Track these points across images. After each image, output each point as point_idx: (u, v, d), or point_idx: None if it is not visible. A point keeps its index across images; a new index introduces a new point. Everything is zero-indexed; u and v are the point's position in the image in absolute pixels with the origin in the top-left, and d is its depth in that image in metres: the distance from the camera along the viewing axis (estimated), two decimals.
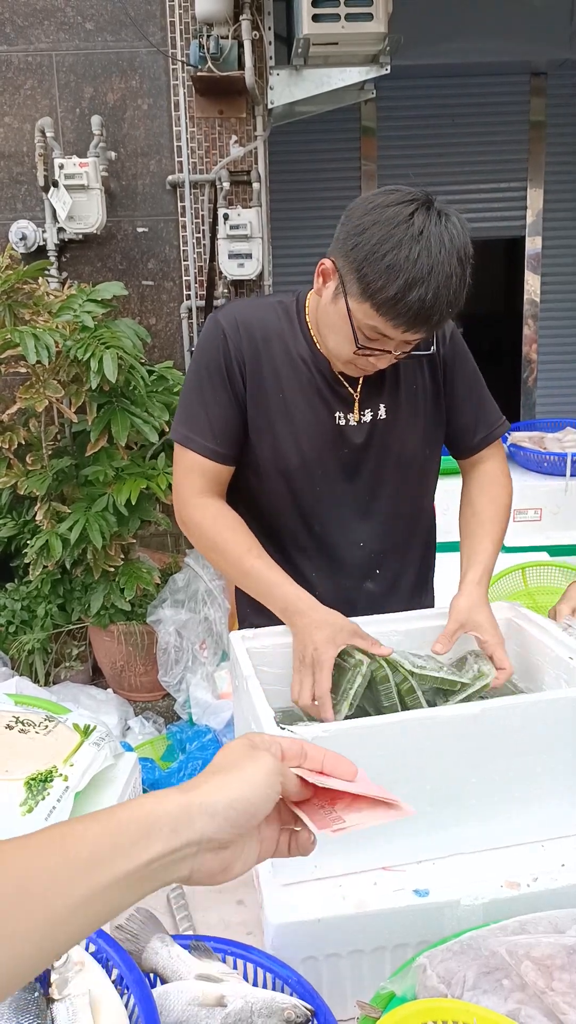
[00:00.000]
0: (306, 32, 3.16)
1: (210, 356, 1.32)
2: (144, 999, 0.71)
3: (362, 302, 1.15)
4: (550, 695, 1.04)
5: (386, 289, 1.11)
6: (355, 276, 1.14)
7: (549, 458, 3.34)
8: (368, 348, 1.20)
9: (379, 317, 1.14)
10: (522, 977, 0.78)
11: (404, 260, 1.09)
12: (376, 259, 1.10)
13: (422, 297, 1.10)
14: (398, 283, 1.09)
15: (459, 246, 1.12)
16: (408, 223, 1.10)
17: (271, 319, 1.35)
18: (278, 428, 1.33)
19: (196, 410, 1.33)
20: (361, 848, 0.96)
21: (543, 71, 4.49)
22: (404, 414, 1.37)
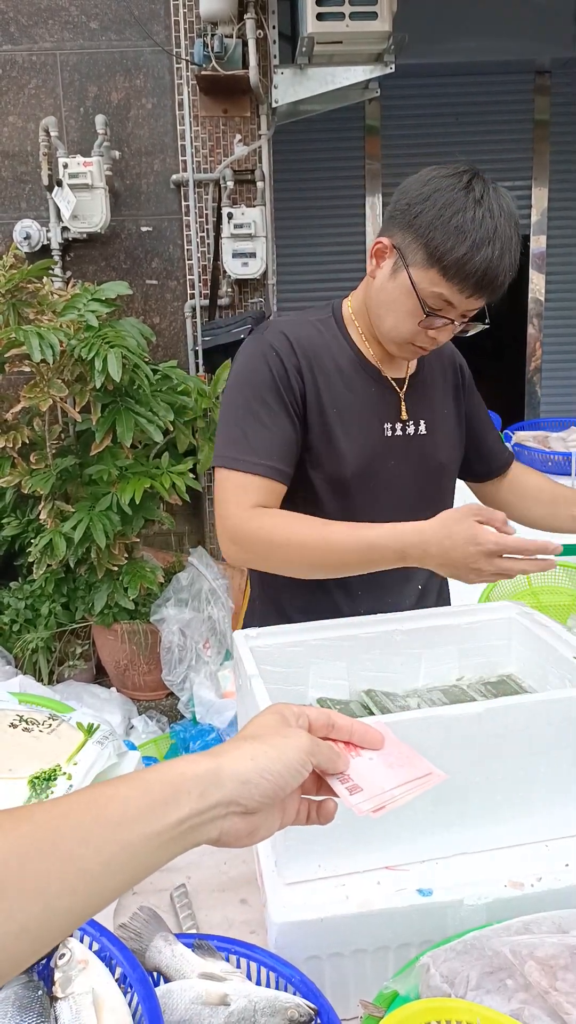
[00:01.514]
0: (310, 31, 3.16)
1: (261, 373, 1.27)
2: (147, 998, 0.71)
3: (428, 268, 1.17)
4: (554, 695, 1.04)
5: (455, 250, 1.13)
6: (420, 243, 1.17)
7: (553, 457, 3.33)
8: (435, 316, 1.21)
9: (446, 282, 1.16)
10: (526, 977, 0.78)
11: (471, 221, 1.13)
12: (443, 223, 1.14)
13: (489, 257, 1.13)
14: (467, 243, 1.13)
15: (513, 213, 1.17)
16: (469, 189, 1.15)
17: (314, 334, 1.33)
18: (335, 441, 1.31)
19: (249, 430, 1.25)
20: (364, 848, 0.96)
21: (547, 70, 4.48)
22: (442, 431, 1.41)
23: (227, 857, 1.15)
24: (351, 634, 1.28)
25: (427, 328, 1.23)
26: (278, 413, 1.26)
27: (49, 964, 0.76)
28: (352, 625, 1.29)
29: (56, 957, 0.76)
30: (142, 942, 0.86)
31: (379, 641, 1.29)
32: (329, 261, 4.63)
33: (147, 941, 0.86)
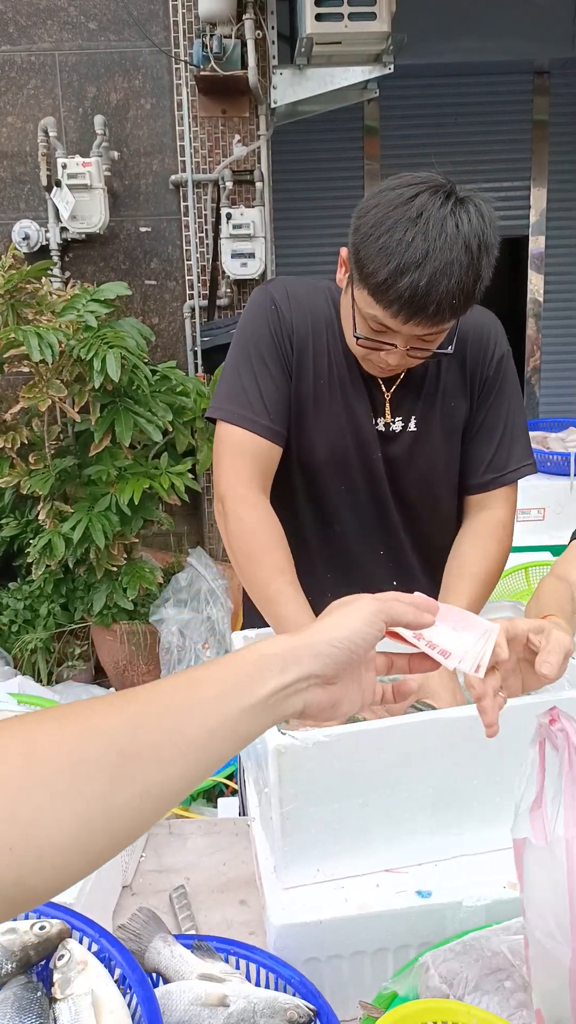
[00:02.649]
0: (309, 31, 3.16)
1: (260, 327, 1.24)
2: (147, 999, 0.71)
3: (361, 289, 1.10)
4: (553, 696, 1.04)
5: (377, 273, 1.05)
6: (354, 261, 1.10)
7: (552, 458, 3.33)
8: (370, 340, 1.14)
9: (376, 305, 1.08)
10: (524, 977, 0.78)
11: (396, 243, 1.03)
12: (370, 241, 1.06)
13: (414, 283, 1.03)
14: (389, 267, 1.04)
15: (469, 233, 1.06)
16: (407, 206, 1.05)
17: (320, 303, 1.28)
18: (307, 419, 1.26)
19: (246, 385, 1.23)
20: (363, 851, 0.96)
21: (546, 70, 4.48)
22: (437, 431, 1.30)
23: (226, 858, 1.15)
24: None
25: (374, 349, 1.15)
26: (275, 368, 1.24)
27: (48, 965, 0.76)
28: None
29: (55, 958, 0.76)
30: (141, 943, 0.86)
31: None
32: (328, 261, 4.61)
33: (146, 942, 0.86)
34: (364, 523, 1.34)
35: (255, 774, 1.11)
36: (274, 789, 0.92)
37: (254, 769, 1.12)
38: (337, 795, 0.93)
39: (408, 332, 1.11)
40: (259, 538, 1.20)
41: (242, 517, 1.21)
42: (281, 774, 0.91)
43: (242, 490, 1.21)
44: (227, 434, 1.24)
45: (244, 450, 1.22)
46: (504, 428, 1.32)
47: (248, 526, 1.20)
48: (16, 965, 0.75)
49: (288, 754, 0.90)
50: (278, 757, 0.90)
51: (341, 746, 0.92)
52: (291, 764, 0.91)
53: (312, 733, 0.93)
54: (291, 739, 0.91)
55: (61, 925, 0.77)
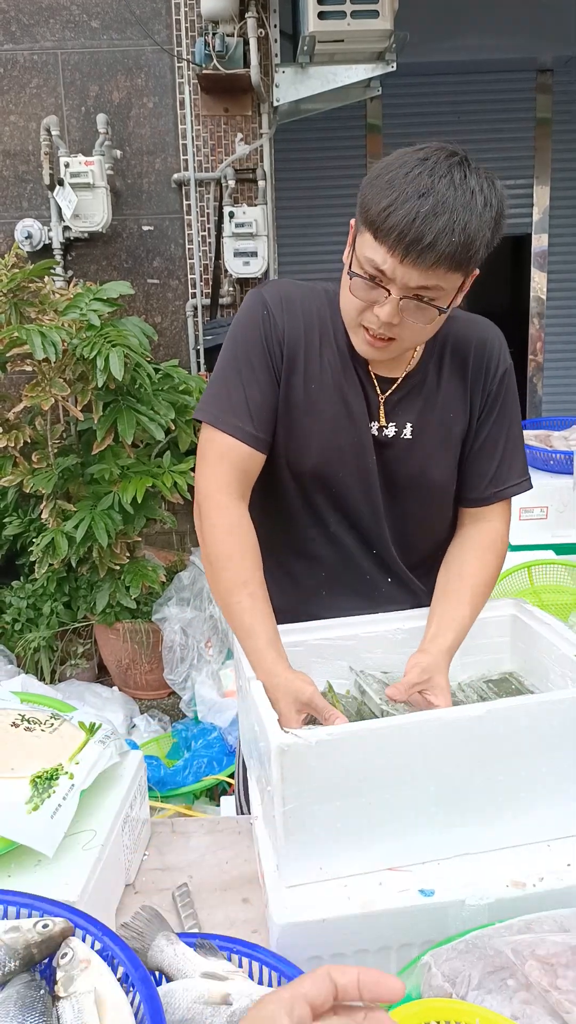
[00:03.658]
0: (312, 30, 3.16)
1: (251, 332, 1.23)
2: (150, 997, 0.71)
3: (364, 232, 1.08)
4: (556, 695, 1.04)
5: (379, 202, 1.04)
6: (359, 204, 1.09)
7: (555, 456, 3.33)
8: (363, 282, 1.10)
9: (375, 243, 1.06)
10: (527, 976, 0.78)
11: (403, 176, 1.03)
12: (378, 179, 1.06)
13: (416, 210, 1.01)
14: (391, 196, 1.03)
15: (475, 186, 1.04)
16: (419, 151, 1.06)
17: (316, 305, 1.26)
18: (299, 424, 1.25)
19: (232, 389, 1.22)
20: (366, 850, 0.96)
21: (549, 68, 4.47)
22: (432, 439, 1.29)
23: (229, 856, 1.15)
24: (352, 633, 1.28)
25: (364, 300, 1.12)
26: (262, 374, 1.22)
27: (51, 963, 0.76)
28: (354, 624, 1.29)
29: (58, 956, 0.76)
30: (144, 941, 0.86)
31: (380, 640, 1.29)
32: (331, 260, 4.62)
33: (149, 940, 0.86)
34: (357, 525, 1.32)
35: (258, 772, 1.11)
36: (277, 787, 0.92)
37: (257, 767, 1.12)
38: (340, 793, 0.93)
39: (403, 277, 1.07)
40: (227, 546, 1.19)
41: (215, 523, 1.20)
42: (284, 772, 0.91)
43: (220, 496, 1.21)
44: (210, 438, 1.23)
45: (226, 455, 1.22)
46: (506, 443, 1.32)
47: (218, 534, 1.20)
48: (19, 963, 0.75)
49: (291, 752, 0.90)
50: (281, 755, 0.90)
51: (344, 745, 0.92)
52: (294, 762, 0.91)
53: (315, 731, 0.93)
54: (294, 737, 0.91)
55: (64, 923, 0.77)
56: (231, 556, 1.19)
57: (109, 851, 1.02)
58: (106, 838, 1.03)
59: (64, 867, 0.97)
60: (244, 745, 1.26)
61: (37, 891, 0.83)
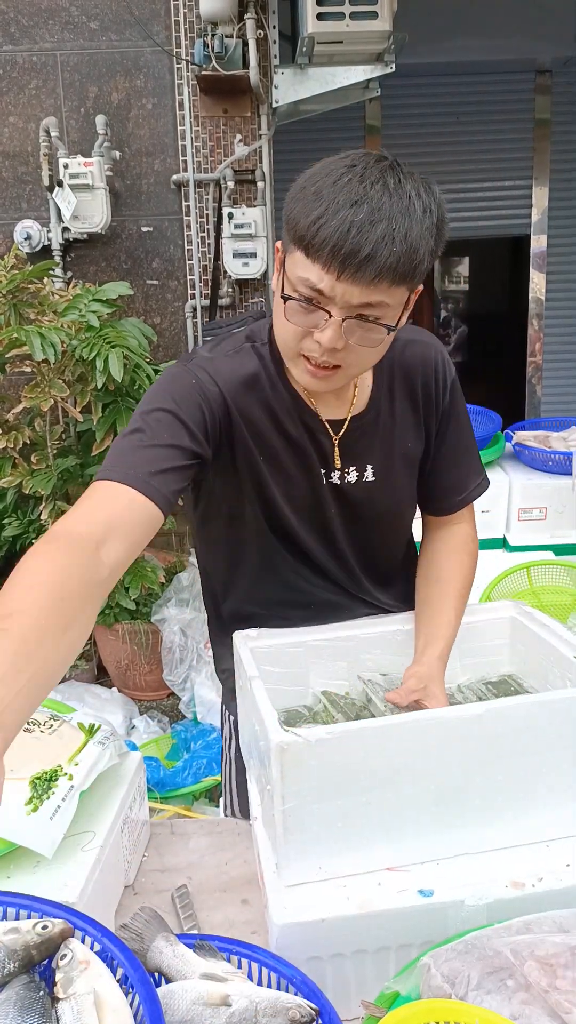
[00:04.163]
0: (311, 31, 3.16)
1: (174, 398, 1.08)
2: (149, 998, 0.71)
3: (292, 250, 0.98)
4: (555, 695, 1.04)
5: (307, 214, 0.94)
6: (285, 221, 0.99)
7: (554, 457, 3.33)
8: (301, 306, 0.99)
9: (308, 261, 0.96)
10: (526, 977, 0.78)
11: (331, 185, 0.94)
12: (304, 192, 0.96)
13: (347, 220, 0.91)
14: (320, 207, 0.93)
15: (411, 189, 0.96)
16: (343, 160, 0.98)
17: (247, 368, 1.14)
18: (267, 489, 1.18)
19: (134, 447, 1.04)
20: (365, 849, 0.96)
21: (548, 69, 4.48)
22: (397, 476, 1.25)
23: (228, 857, 1.15)
24: (352, 634, 1.28)
25: (302, 327, 1.01)
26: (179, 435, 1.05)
27: (51, 965, 0.76)
28: (353, 626, 1.29)
29: (58, 958, 0.76)
30: (143, 943, 0.86)
31: (380, 641, 1.29)
32: None
33: (148, 942, 0.86)
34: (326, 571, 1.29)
35: (257, 772, 1.11)
36: (276, 786, 0.92)
37: (257, 767, 1.12)
38: (339, 793, 0.93)
39: (343, 296, 0.96)
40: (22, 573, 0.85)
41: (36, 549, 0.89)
42: (283, 771, 0.91)
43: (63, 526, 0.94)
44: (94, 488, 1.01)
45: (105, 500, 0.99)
46: (464, 451, 1.31)
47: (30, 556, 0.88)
48: (18, 965, 0.75)
49: (290, 751, 0.90)
50: (280, 754, 0.90)
51: (344, 744, 0.92)
52: (293, 761, 0.91)
53: (315, 730, 0.93)
54: (294, 736, 0.91)
55: (63, 925, 0.77)
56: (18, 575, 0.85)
57: (108, 852, 1.02)
58: (105, 839, 1.03)
59: (63, 868, 0.97)
60: (244, 746, 1.26)
61: (36, 892, 0.83)
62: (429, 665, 1.17)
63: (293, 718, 1.21)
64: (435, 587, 1.29)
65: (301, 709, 1.24)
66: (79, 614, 0.84)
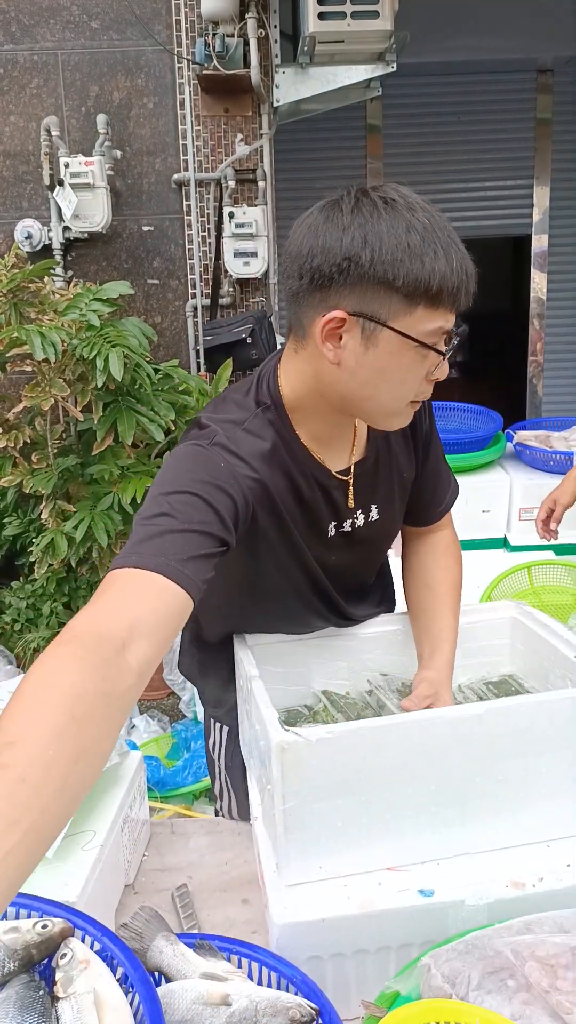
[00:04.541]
0: (312, 30, 3.16)
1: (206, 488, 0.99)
2: (149, 998, 0.71)
3: (411, 309, 0.96)
4: (555, 695, 1.04)
5: (422, 270, 0.93)
6: (390, 289, 0.95)
7: (555, 456, 3.33)
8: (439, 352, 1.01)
9: (435, 312, 0.96)
10: (527, 977, 0.78)
11: (418, 234, 0.94)
12: (395, 252, 0.93)
13: (456, 260, 0.95)
14: (427, 257, 0.93)
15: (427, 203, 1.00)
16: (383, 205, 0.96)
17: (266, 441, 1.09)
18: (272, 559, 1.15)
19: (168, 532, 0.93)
20: (366, 849, 0.96)
21: (549, 68, 4.47)
22: (395, 506, 1.26)
23: (228, 857, 1.15)
24: (352, 633, 1.28)
25: (430, 373, 1.03)
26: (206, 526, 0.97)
27: (51, 964, 0.76)
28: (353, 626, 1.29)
29: (58, 957, 0.76)
30: (144, 942, 0.86)
31: (380, 641, 1.29)
32: None
33: (149, 941, 0.86)
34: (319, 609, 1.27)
35: (258, 772, 1.11)
36: (277, 785, 0.92)
37: (257, 767, 1.12)
38: (339, 792, 0.93)
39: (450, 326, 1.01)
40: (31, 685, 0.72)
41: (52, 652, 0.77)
42: (284, 771, 0.91)
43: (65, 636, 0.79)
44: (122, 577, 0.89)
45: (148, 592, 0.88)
46: (440, 462, 1.32)
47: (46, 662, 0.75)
48: (18, 964, 0.75)
49: (291, 751, 0.90)
50: (281, 753, 0.90)
51: (344, 743, 0.92)
52: (294, 761, 0.91)
53: (315, 730, 0.93)
54: (294, 736, 0.91)
55: (63, 924, 0.77)
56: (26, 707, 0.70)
57: (108, 852, 1.02)
58: (105, 839, 1.03)
59: (63, 868, 0.97)
60: (244, 746, 1.26)
61: (36, 892, 0.83)
62: (438, 671, 1.18)
63: (294, 718, 1.21)
64: (428, 592, 1.30)
65: (301, 709, 1.24)
66: (96, 737, 0.71)
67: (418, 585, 1.33)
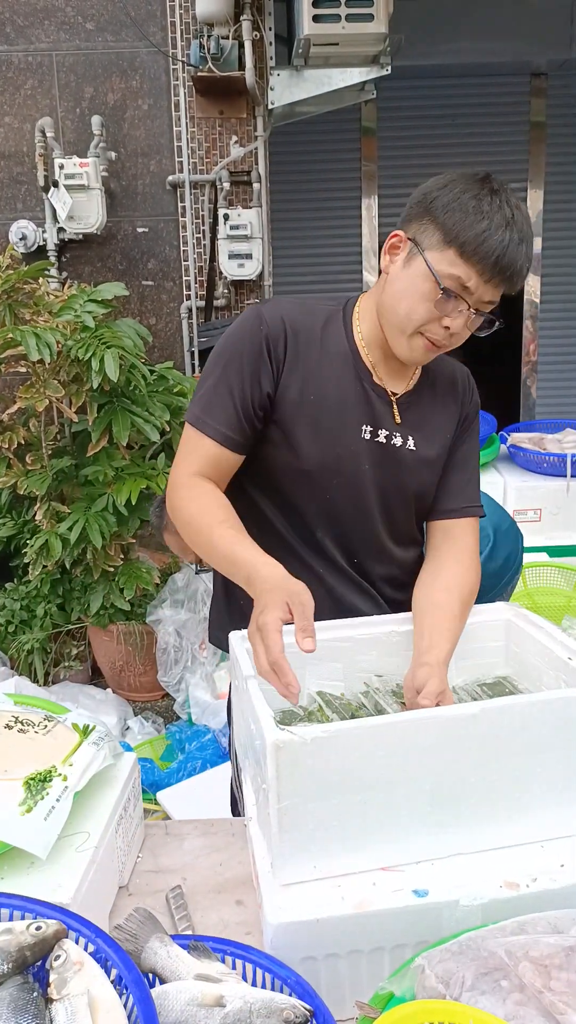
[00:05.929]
0: (307, 32, 3.16)
1: (245, 345, 1.28)
2: (143, 999, 0.71)
3: (445, 248, 1.17)
4: (550, 695, 1.04)
5: (474, 227, 1.14)
6: (437, 225, 1.17)
7: (549, 459, 3.34)
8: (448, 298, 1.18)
9: (463, 263, 1.16)
10: (520, 978, 0.78)
11: (488, 204, 1.15)
12: (461, 204, 1.15)
13: (507, 240, 1.14)
14: (485, 222, 1.14)
15: (525, 211, 1.20)
16: (486, 181, 1.19)
17: (313, 323, 1.32)
18: (300, 432, 1.29)
19: (218, 394, 1.28)
20: (360, 849, 0.96)
21: (543, 72, 4.49)
22: (429, 453, 1.36)
23: (223, 858, 1.15)
24: (348, 635, 1.28)
25: (441, 313, 1.20)
26: (249, 386, 1.27)
27: (44, 966, 0.76)
28: (349, 626, 1.29)
29: (51, 959, 0.76)
30: (138, 943, 0.86)
31: (376, 642, 1.29)
32: (325, 262, 4.62)
33: (143, 942, 0.86)
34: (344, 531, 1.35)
35: (253, 772, 1.11)
36: (272, 784, 0.92)
37: (252, 767, 1.12)
38: (334, 791, 0.93)
39: (481, 295, 1.18)
40: (195, 503, 1.24)
41: (181, 495, 1.26)
42: (279, 769, 0.91)
43: (185, 479, 1.28)
44: (190, 437, 1.30)
45: (197, 448, 1.29)
46: (473, 465, 1.44)
47: (185, 499, 1.25)
48: (12, 966, 0.75)
49: (286, 749, 0.90)
50: (276, 752, 0.90)
51: (339, 742, 0.92)
52: (289, 760, 0.91)
53: (311, 729, 0.93)
54: (290, 735, 0.91)
55: (57, 926, 0.77)
56: (200, 510, 1.23)
57: (103, 853, 1.02)
58: (100, 840, 1.02)
59: (57, 869, 0.97)
60: (239, 747, 1.26)
61: (30, 893, 0.83)
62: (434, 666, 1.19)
63: (288, 718, 1.21)
64: (442, 593, 1.30)
65: (296, 709, 1.23)
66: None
67: (433, 584, 1.33)
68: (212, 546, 1.20)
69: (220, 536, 1.19)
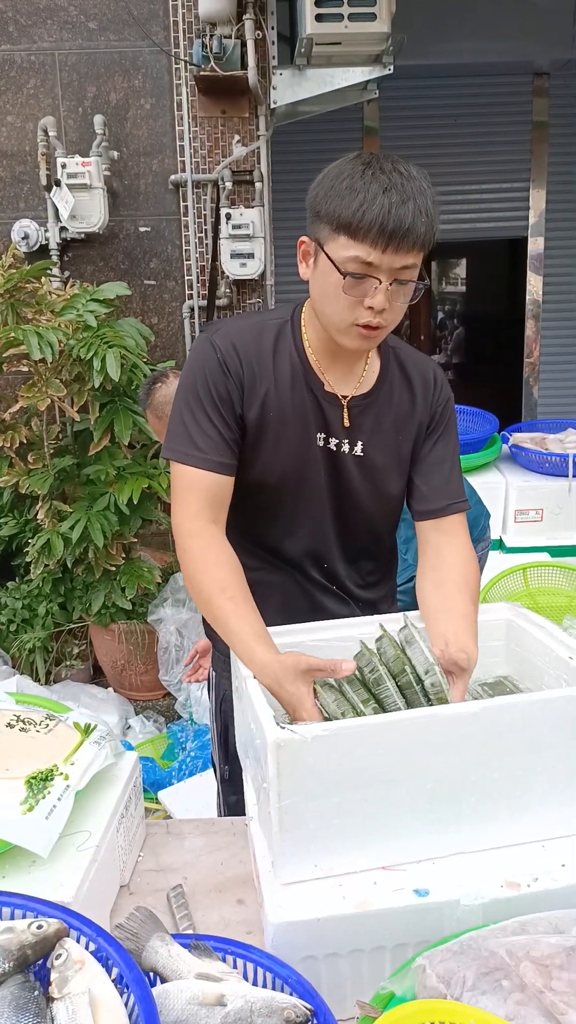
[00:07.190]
0: (309, 32, 3.16)
1: (207, 374, 1.29)
2: (144, 998, 0.71)
3: (337, 236, 1.16)
4: (551, 693, 1.04)
5: (351, 204, 1.13)
6: (323, 217, 1.17)
7: (550, 459, 3.34)
8: (356, 279, 1.17)
9: (355, 243, 1.15)
10: (521, 977, 0.78)
11: (360, 180, 1.14)
12: (336, 189, 1.15)
13: (387, 204, 1.12)
14: (360, 196, 1.13)
15: (418, 175, 1.16)
16: (356, 160, 1.18)
17: (262, 342, 1.33)
18: (263, 450, 1.31)
19: (191, 427, 1.29)
20: (361, 847, 0.96)
21: (546, 71, 4.48)
22: (381, 456, 1.36)
23: (224, 857, 1.15)
24: (349, 635, 1.28)
25: (357, 297, 1.18)
26: (216, 415, 1.28)
27: (46, 964, 0.76)
28: (350, 626, 1.29)
29: (52, 957, 0.76)
30: (139, 942, 0.86)
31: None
32: None
33: (144, 941, 0.86)
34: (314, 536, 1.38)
35: (253, 772, 1.11)
36: (272, 783, 0.92)
37: (253, 767, 1.12)
38: (335, 790, 0.93)
39: (388, 264, 1.16)
40: (202, 561, 1.25)
41: (188, 548, 1.27)
42: (280, 768, 0.91)
43: (189, 524, 1.28)
44: (178, 474, 1.30)
45: (192, 486, 1.28)
46: (452, 463, 1.42)
47: (194, 553, 1.26)
48: (13, 964, 0.75)
49: (287, 748, 0.91)
50: (277, 751, 0.90)
51: (340, 741, 0.92)
52: (290, 758, 0.91)
53: (311, 727, 0.93)
54: (290, 733, 0.91)
55: (58, 924, 0.77)
56: (207, 569, 1.24)
57: (104, 852, 1.02)
58: (101, 839, 1.03)
59: (59, 868, 0.97)
60: (239, 746, 1.26)
61: (32, 892, 0.83)
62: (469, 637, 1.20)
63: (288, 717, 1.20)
64: (454, 592, 1.30)
65: None
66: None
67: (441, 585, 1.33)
68: (213, 616, 1.22)
69: (219, 607, 1.20)
